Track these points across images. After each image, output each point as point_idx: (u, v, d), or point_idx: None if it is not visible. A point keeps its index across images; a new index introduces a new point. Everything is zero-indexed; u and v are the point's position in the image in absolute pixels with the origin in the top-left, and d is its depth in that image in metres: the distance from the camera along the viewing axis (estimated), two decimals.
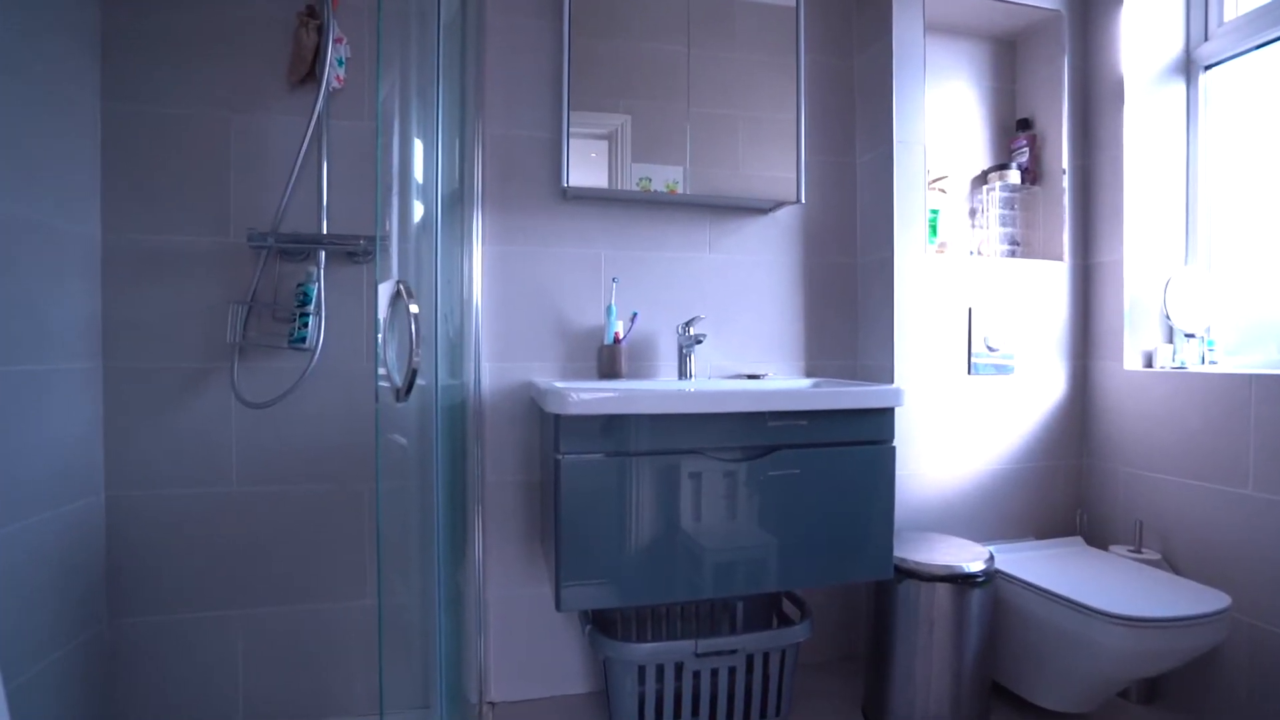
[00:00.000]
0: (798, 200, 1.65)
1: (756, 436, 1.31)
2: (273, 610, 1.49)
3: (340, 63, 1.49)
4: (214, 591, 1.45)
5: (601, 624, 1.51)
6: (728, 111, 1.64)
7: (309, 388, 1.46)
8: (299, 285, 1.45)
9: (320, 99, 1.44)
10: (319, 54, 1.46)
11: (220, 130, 1.46)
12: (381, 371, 1.11)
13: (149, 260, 1.42)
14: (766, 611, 1.67)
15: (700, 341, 1.57)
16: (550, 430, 1.30)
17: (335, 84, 1.48)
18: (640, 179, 1.61)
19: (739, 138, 1.65)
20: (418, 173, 1.28)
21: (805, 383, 1.61)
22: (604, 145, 1.62)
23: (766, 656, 1.45)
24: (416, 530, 1.26)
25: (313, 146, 1.48)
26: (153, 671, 1.43)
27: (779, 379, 1.66)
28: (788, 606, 1.65)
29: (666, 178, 1.63)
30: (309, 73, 1.47)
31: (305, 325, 1.42)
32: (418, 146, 1.27)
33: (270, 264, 1.46)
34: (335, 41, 1.47)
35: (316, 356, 1.43)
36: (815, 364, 1.80)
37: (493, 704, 1.60)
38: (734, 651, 1.40)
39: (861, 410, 1.36)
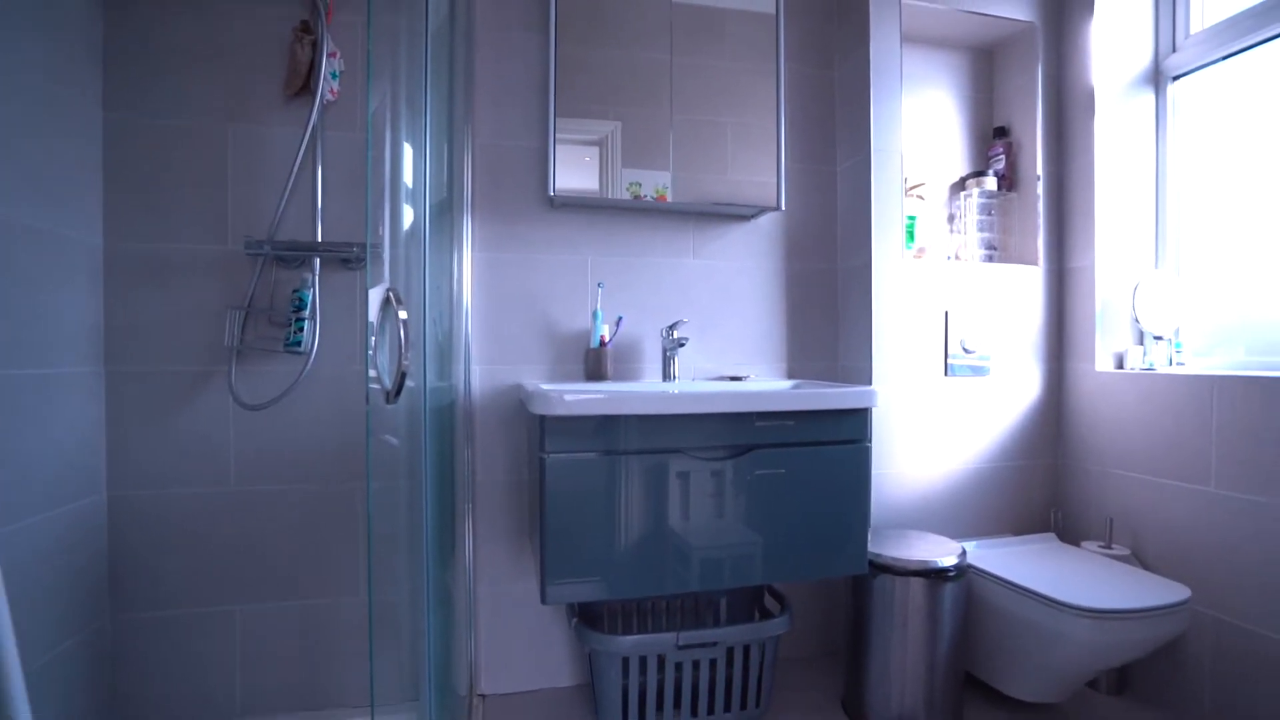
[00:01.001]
0: (778, 207, 1.71)
1: (737, 436, 1.35)
2: (270, 606, 1.53)
3: (334, 76, 1.54)
4: (213, 588, 1.50)
5: (588, 618, 1.56)
6: (714, 118, 1.69)
7: (304, 390, 1.51)
8: (295, 291, 1.50)
9: (315, 111, 1.49)
10: (314, 68, 1.51)
11: (218, 141, 1.51)
12: (372, 374, 1.16)
13: (149, 267, 1.47)
14: (749, 606, 1.72)
15: (683, 344, 1.62)
16: (536, 430, 1.35)
17: (329, 96, 1.54)
18: (630, 184, 1.66)
19: (726, 144, 1.70)
20: (408, 181, 1.32)
21: (785, 384, 1.66)
22: (595, 151, 1.67)
23: (747, 650, 1.50)
24: (406, 528, 1.31)
25: (308, 156, 1.53)
26: (154, 665, 1.47)
27: (760, 381, 1.71)
28: (770, 602, 1.69)
29: (656, 183, 1.68)
30: (304, 85, 1.52)
31: (301, 330, 1.47)
32: (408, 156, 1.32)
33: (267, 270, 1.51)
34: (329, 55, 1.52)
35: (311, 360, 1.48)
36: (797, 366, 1.85)
37: (483, 696, 1.65)
38: (714, 644, 1.45)
39: (837, 411, 1.41)
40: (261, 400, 1.47)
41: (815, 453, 1.40)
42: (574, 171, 1.63)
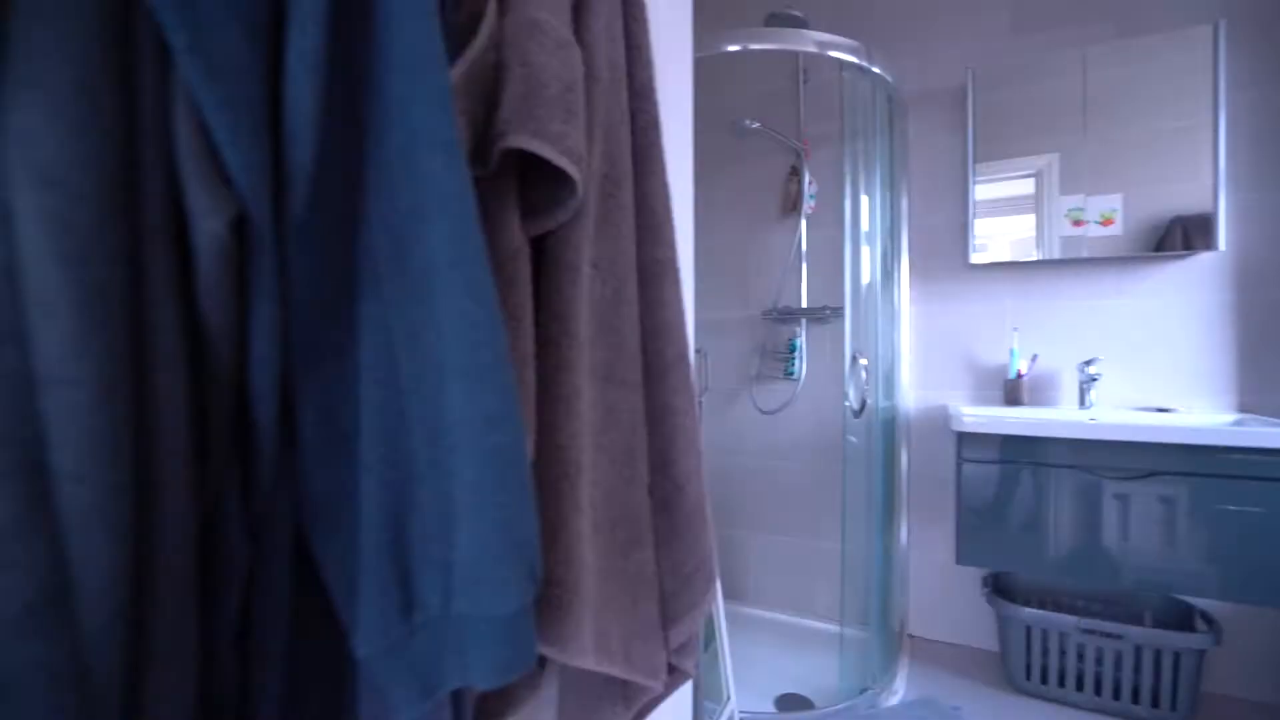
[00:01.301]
0: (1214, 247, 1.77)
1: (1141, 461, 1.59)
2: (776, 539, 2.43)
3: (811, 197, 2.34)
4: (746, 522, 2.48)
5: (999, 591, 1.97)
6: (1160, 137, 1.80)
7: (797, 404, 2.35)
8: (789, 339, 2.36)
9: (801, 222, 2.32)
10: (800, 194, 2.34)
11: (744, 246, 2.48)
12: (848, 391, 1.89)
13: (712, 327, 2.53)
14: (1176, 625, 1.82)
15: (1097, 378, 1.87)
16: (956, 441, 1.86)
17: (809, 211, 2.34)
18: (1070, 210, 1.94)
19: (1182, 157, 1.78)
20: (864, 262, 2.02)
21: (1225, 419, 1.73)
22: (1030, 182, 2.05)
23: (1158, 653, 1.68)
24: (864, 503, 2.00)
25: (796, 251, 2.37)
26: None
27: (1190, 414, 1.80)
28: (1200, 625, 1.77)
29: (1101, 207, 1.90)
30: (793, 206, 2.37)
31: (794, 364, 2.32)
32: (864, 246, 2.01)
33: (773, 326, 2.41)
34: (809, 184, 2.32)
35: (800, 385, 2.31)
36: (1252, 400, 1.82)
37: (911, 636, 2.22)
38: (1120, 637, 1.69)
39: (1258, 449, 1.49)
40: (771, 409, 2.38)
41: (1232, 484, 1.52)
42: (987, 235, 2.04)
